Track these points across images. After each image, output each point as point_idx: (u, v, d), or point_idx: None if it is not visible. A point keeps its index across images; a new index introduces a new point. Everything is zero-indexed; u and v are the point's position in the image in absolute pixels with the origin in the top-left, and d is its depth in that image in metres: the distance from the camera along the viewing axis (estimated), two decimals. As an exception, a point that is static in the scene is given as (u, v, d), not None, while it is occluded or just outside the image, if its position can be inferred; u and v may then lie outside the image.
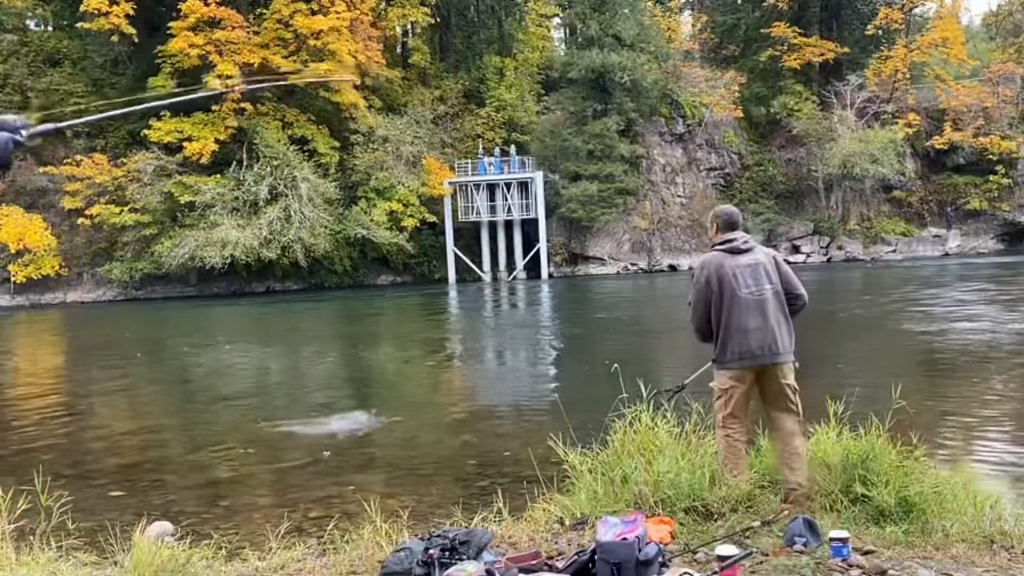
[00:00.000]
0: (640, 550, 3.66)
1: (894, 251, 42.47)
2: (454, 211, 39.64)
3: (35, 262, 34.72)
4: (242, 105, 35.11)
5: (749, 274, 4.92)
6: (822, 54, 44.72)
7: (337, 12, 35.84)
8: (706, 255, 5.26)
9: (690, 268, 40.38)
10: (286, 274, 37.28)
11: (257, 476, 8.19)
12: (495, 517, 4.91)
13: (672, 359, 15.99)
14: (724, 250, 5.06)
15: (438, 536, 3.97)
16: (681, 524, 4.46)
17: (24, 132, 2.08)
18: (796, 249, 42.12)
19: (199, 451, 9.52)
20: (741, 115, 44.36)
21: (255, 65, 35.50)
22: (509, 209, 39.59)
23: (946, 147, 42.90)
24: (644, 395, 5.31)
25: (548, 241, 40.01)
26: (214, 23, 34.83)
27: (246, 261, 34.54)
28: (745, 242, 5.05)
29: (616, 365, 5.63)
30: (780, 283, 4.95)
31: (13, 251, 34.26)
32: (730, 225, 5.15)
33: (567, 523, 4.67)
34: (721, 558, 3.66)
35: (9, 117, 2.06)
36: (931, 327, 17.27)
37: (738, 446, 5.00)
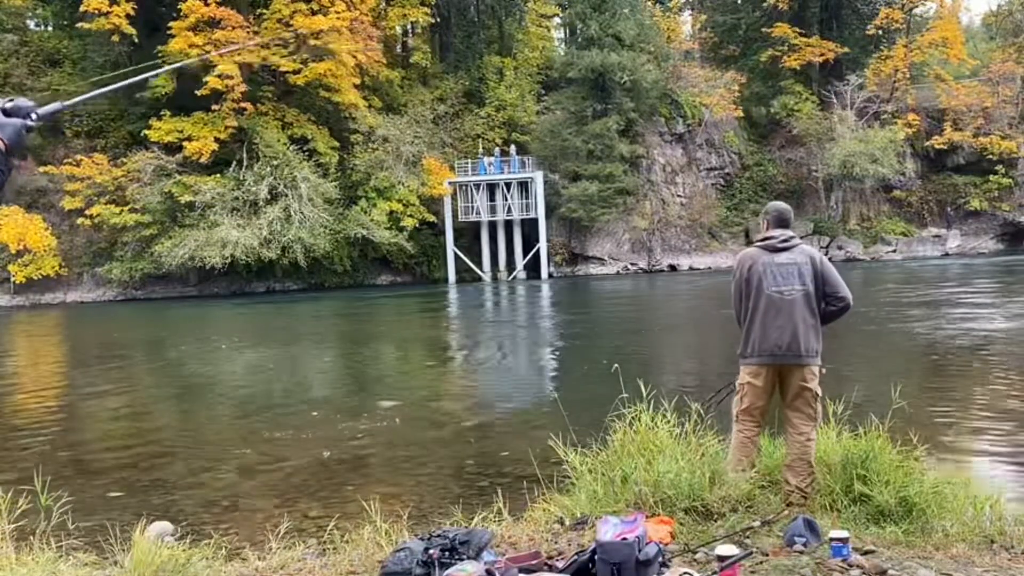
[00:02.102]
0: (640, 550, 3.66)
1: (894, 251, 42.46)
2: (454, 211, 39.64)
3: (35, 262, 34.71)
4: (242, 105, 35.11)
5: (780, 273, 4.89)
6: (822, 54, 44.71)
7: (337, 12, 35.84)
8: (745, 250, 5.25)
9: (690, 268, 40.45)
10: (286, 274, 37.29)
11: (257, 476, 8.19)
12: (495, 517, 4.91)
13: (673, 359, 15.99)
14: (762, 247, 5.04)
15: (438, 536, 3.97)
16: (681, 524, 4.46)
17: (34, 115, 2.10)
18: (796, 249, 42.10)
19: (199, 451, 9.52)
20: (741, 115, 44.36)
21: (255, 65, 35.50)
22: (509, 209, 39.59)
23: (946, 147, 42.92)
24: (644, 395, 5.31)
25: (548, 241, 40.01)
26: (214, 23, 34.81)
27: (246, 261, 34.54)
28: (785, 240, 4.99)
29: (616, 365, 5.63)
30: (817, 285, 4.89)
31: (13, 251, 34.24)
32: (780, 222, 5.10)
33: (567, 523, 4.67)
34: (721, 558, 3.66)
35: (22, 102, 2.08)
36: (930, 326, 17.27)
37: (748, 443, 4.99)
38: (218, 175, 35.42)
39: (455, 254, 39.76)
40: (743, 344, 5.03)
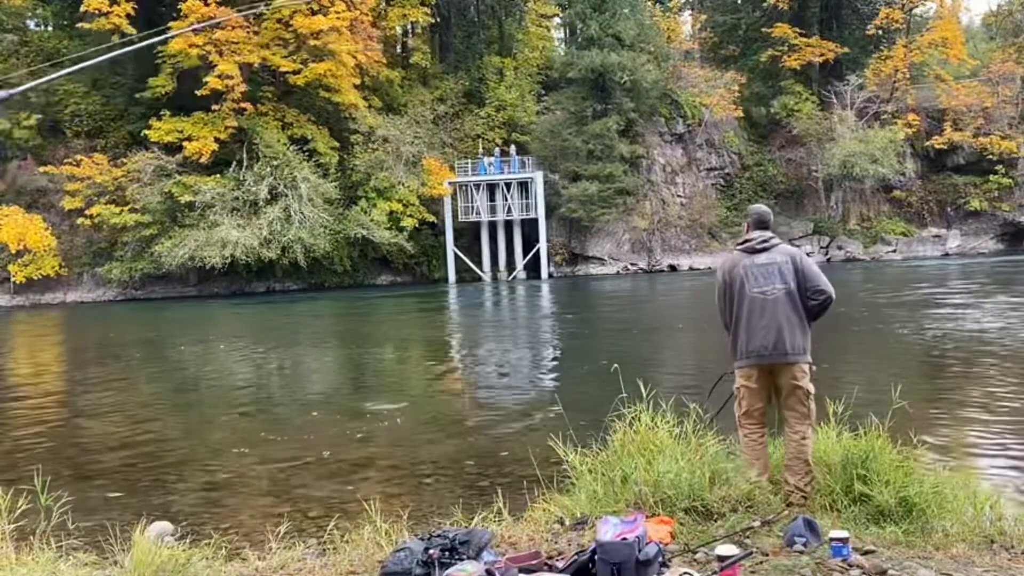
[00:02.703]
0: (640, 550, 3.66)
1: (894, 251, 42.45)
2: (454, 211, 39.64)
3: (35, 262, 34.71)
4: (242, 105, 35.11)
5: (761, 274, 4.92)
6: (822, 54, 44.71)
7: (337, 12, 35.82)
8: (727, 254, 5.30)
9: (690, 268, 40.45)
10: (286, 274, 37.28)
11: (257, 476, 8.19)
12: (495, 517, 4.91)
13: (672, 359, 15.99)
14: (742, 249, 5.09)
15: (438, 536, 3.97)
16: (681, 524, 4.46)
17: None
18: (796, 249, 42.14)
19: (199, 451, 9.52)
20: (741, 115, 44.35)
21: (255, 65, 35.50)
22: (509, 209, 39.59)
23: (946, 147, 42.91)
24: (644, 395, 5.31)
25: (548, 241, 40.01)
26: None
27: (246, 261, 34.53)
28: (763, 241, 5.02)
29: (616, 365, 5.63)
30: (798, 282, 4.90)
31: (13, 251, 34.25)
32: (759, 224, 5.13)
33: (567, 523, 4.68)
34: (721, 558, 3.66)
35: None
36: (930, 326, 17.27)
37: (755, 446, 4.99)
38: (218, 175, 35.42)
39: (455, 254, 39.75)
40: (732, 348, 5.06)
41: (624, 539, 3.67)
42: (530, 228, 40.21)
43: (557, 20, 50.77)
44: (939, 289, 25.67)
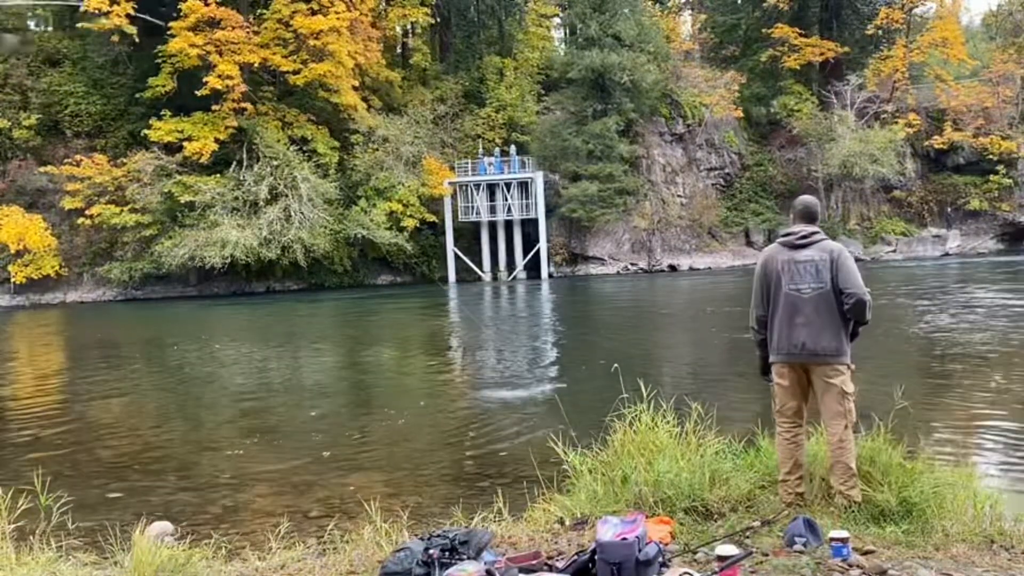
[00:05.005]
0: (640, 550, 3.66)
1: (894, 251, 42.46)
2: (454, 211, 39.63)
3: (35, 262, 34.71)
4: (242, 105, 35.12)
5: (798, 270, 4.81)
6: (822, 54, 44.70)
7: (337, 12, 35.82)
8: (768, 246, 5.19)
9: (691, 268, 40.46)
10: (286, 274, 37.28)
11: (257, 476, 8.19)
12: (495, 517, 4.91)
13: (672, 359, 15.99)
14: (782, 243, 4.98)
15: (438, 536, 3.97)
16: (681, 524, 4.46)
17: None
18: (796, 249, 42.05)
19: (199, 451, 9.53)
20: (741, 115, 44.34)
21: (255, 65, 35.50)
22: (509, 209, 39.57)
23: (946, 147, 42.90)
24: (644, 395, 5.31)
25: (548, 241, 39.99)
26: (214, 23, 34.82)
27: (246, 261, 34.53)
28: (804, 236, 4.87)
29: (616, 365, 5.63)
30: (834, 281, 4.74)
31: (13, 251, 34.24)
32: (804, 216, 4.98)
33: (567, 523, 4.68)
34: (721, 558, 3.66)
35: None
36: (930, 327, 17.27)
37: (786, 444, 4.89)
38: (218, 175, 35.42)
39: (455, 254, 39.74)
40: (769, 343, 4.98)
41: (624, 539, 3.67)
42: (530, 228, 40.19)
43: (557, 20, 50.74)
44: (939, 289, 25.66)
